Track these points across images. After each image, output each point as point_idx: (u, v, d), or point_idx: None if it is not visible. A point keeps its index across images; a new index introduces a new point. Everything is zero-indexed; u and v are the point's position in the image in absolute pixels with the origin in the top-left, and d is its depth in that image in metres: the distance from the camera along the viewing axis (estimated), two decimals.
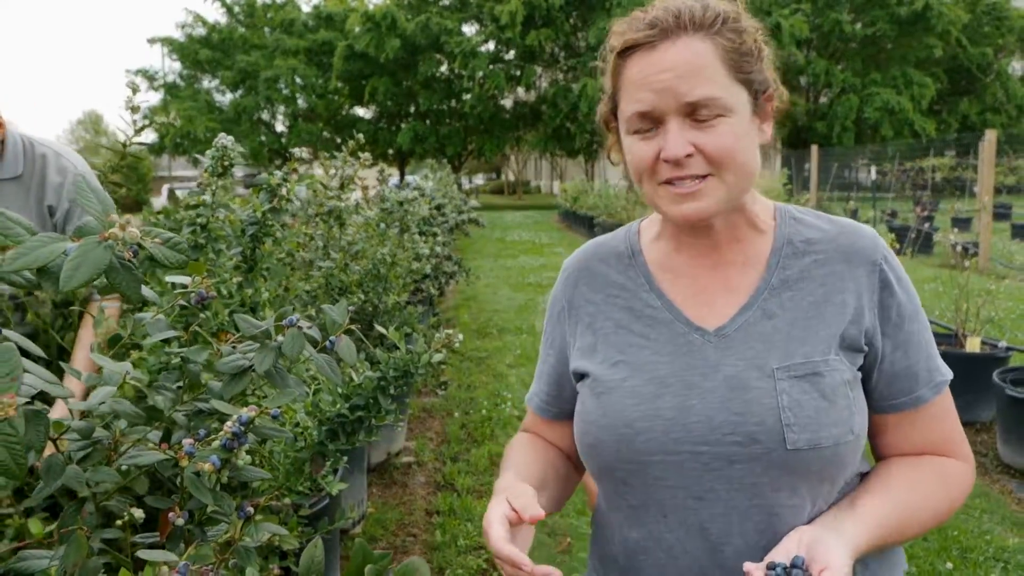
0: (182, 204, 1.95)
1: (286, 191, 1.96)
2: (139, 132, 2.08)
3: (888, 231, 8.16)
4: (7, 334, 0.64)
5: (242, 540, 0.80)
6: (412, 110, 28.86)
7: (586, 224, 14.17)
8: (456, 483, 3.37)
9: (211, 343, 0.87)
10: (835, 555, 0.71)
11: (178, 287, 0.91)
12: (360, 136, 3.15)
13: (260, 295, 1.98)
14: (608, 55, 0.83)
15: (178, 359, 0.87)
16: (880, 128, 23.96)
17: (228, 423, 0.76)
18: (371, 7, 26.90)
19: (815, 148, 15.84)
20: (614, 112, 0.85)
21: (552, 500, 0.91)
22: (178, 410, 0.85)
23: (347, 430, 1.50)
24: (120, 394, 0.94)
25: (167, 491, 0.86)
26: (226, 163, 1.92)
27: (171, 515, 0.78)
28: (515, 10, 24.26)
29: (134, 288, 0.65)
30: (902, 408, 0.84)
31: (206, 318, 1.61)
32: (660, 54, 0.78)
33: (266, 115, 29.32)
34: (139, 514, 1.13)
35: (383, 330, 1.48)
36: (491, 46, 26.98)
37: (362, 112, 30.10)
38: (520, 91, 28.10)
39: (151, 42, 29.15)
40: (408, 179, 7.72)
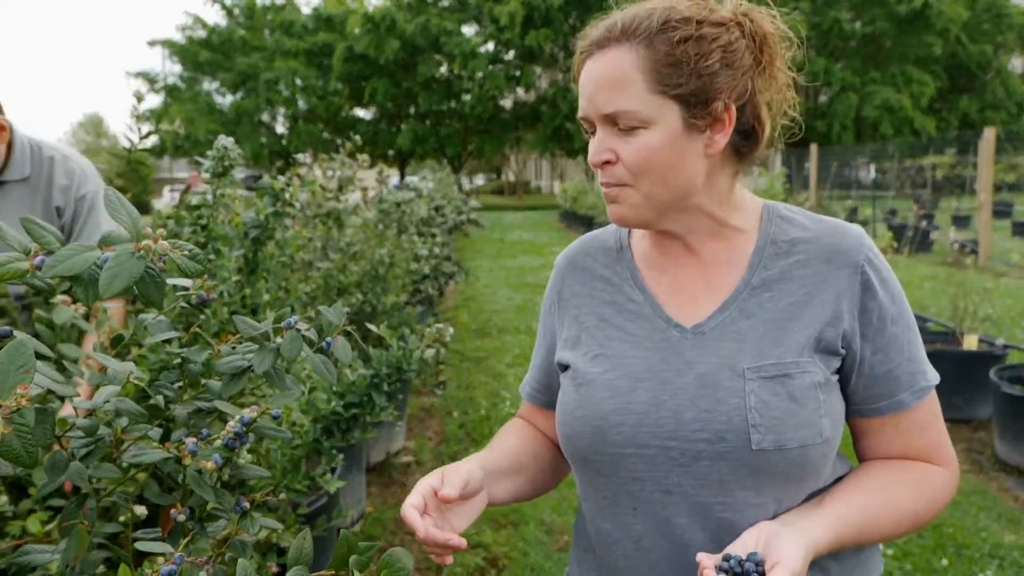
0: (184, 205, 1.98)
1: (289, 195, 1.98)
2: (144, 139, 2.11)
3: (888, 229, 8.19)
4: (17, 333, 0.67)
5: (238, 534, 0.82)
6: (412, 111, 28.89)
7: (586, 224, 14.20)
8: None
9: (211, 344, 0.89)
10: (789, 551, 0.71)
11: (179, 289, 0.93)
12: (357, 138, 3.18)
13: (261, 296, 2.00)
14: (576, 58, 0.86)
15: (178, 359, 0.89)
16: (880, 126, 23.95)
17: (231, 423, 0.78)
18: (370, 8, 26.95)
19: (814, 147, 15.84)
20: None
21: (527, 485, 0.94)
22: (179, 408, 0.87)
23: (342, 427, 1.53)
24: (123, 393, 0.96)
25: (168, 488, 0.88)
26: (226, 164, 1.95)
27: (173, 511, 0.80)
28: (514, 11, 24.28)
29: (158, 296, 0.67)
30: (883, 412, 0.84)
31: (207, 318, 1.64)
32: (591, 64, 0.81)
33: (266, 117, 29.36)
34: (141, 511, 1.15)
35: (375, 328, 1.50)
36: (490, 47, 27.00)
37: (362, 113, 30.13)
38: (520, 91, 28.12)
39: (151, 44, 29.22)
40: (408, 180, 7.74)
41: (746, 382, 0.79)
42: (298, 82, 27.32)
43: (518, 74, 26.68)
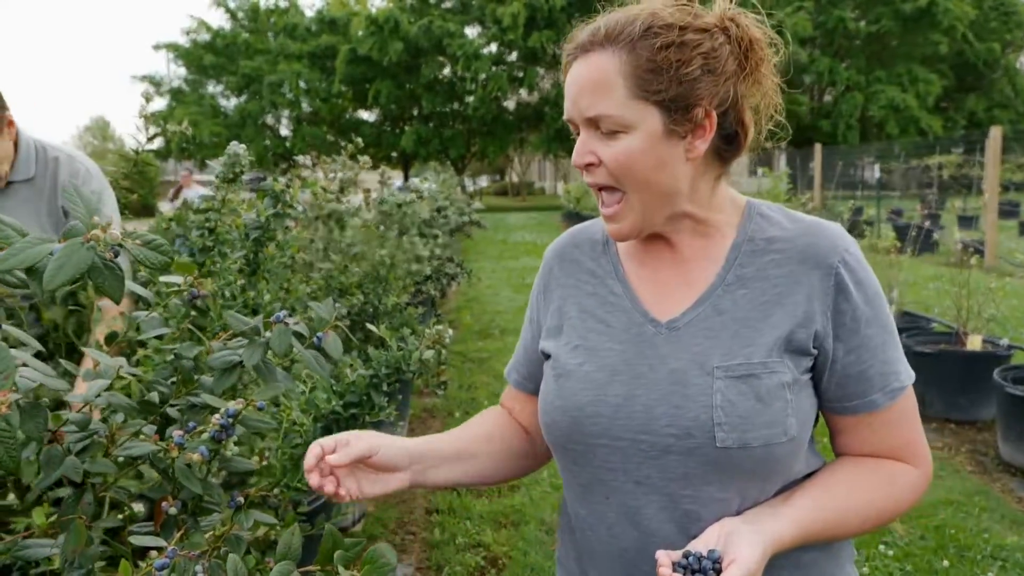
0: (191, 208, 1.99)
1: (289, 197, 2.00)
2: (151, 140, 2.13)
3: (892, 229, 8.15)
4: (7, 329, 0.68)
5: (233, 529, 0.83)
6: (415, 113, 28.94)
7: None
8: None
9: (204, 340, 0.90)
10: (746, 549, 0.73)
11: (172, 287, 0.94)
12: (359, 140, 3.19)
13: (262, 297, 2.01)
14: (564, 61, 0.87)
15: (171, 355, 0.90)
16: (885, 126, 23.86)
17: (216, 415, 0.79)
18: (374, 11, 27.01)
19: (818, 147, 15.81)
20: None
21: (478, 471, 0.96)
22: (172, 404, 0.88)
23: (341, 427, 1.54)
24: (124, 390, 0.97)
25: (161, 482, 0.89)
26: (237, 170, 1.97)
27: (164, 504, 0.81)
28: (517, 12, 24.32)
29: (116, 288, 0.67)
30: (856, 412, 0.85)
31: (210, 319, 1.65)
32: (576, 67, 0.82)
33: (270, 119, 29.46)
34: (139, 508, 1.16)
35: (375, 328, 1.51)
36: (493, 48, 27.03)
37: (365, 115, 30.20)
38: (523, 93, 28.14)
39: (156, 48, 29.39)
40: (412, 182, 7.76)
41: (714, 380, 0.80)
42: (302, 84, 27.40)
43: (521, 75, 26.71)
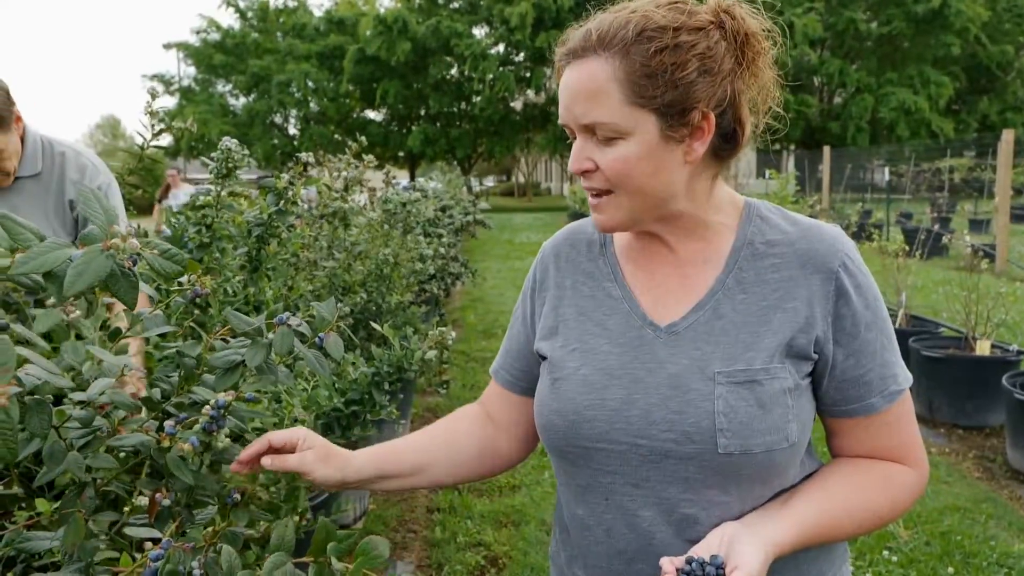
0: (191, 204, 2.00)
1: (292, 194, 2.00)
2: (156, 136, 2.14)
3: (901, 232, 8.09)
4: (13, 327, 0.68)
5: (230, 524, 0.84)
6: (422, 113, 28.98)
7: None
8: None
9: (205, 338, 0.91)
10: (749, 555, 0.73)
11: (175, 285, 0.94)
12: (363, 139, 3.20)
13: (264, 294, 2.02)
14: (556, 64, 0.85)
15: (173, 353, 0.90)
16: (896, 128, 23.72)
17: (206, 407, 0.80)
18: (382, 11, 27.08)
19: (827, 149, 15.73)
20: None
21: (430, 480, 0.97)
22: (173, 401, 0.89)
23: (342, 424, 1.55)
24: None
25: (158, 475, 0.89)
26: (230, 165, 1.97)
27: (157, 496, 0.82)
28: (524, 12, 24.31)
29: (130, 294, 0.69)
30: (854, 414, 0.84)
31: (211, 317, 1.66)
32: (568, 73, 0.81)
33: (279, 118, 29.58)
34: (141, 502, 1.17)
35: (378, 327, 1.52)
36: (501, 48, 27.05)
37: (373, 115, 30.28)
38: (530, 93, 28.13)
39: (167, 47, 29.59)
40: (418, 181, 7.79)
41: (716, 386, 0.80)
42: (310, 84, 27.49)
43: (528, 76, 26.71)
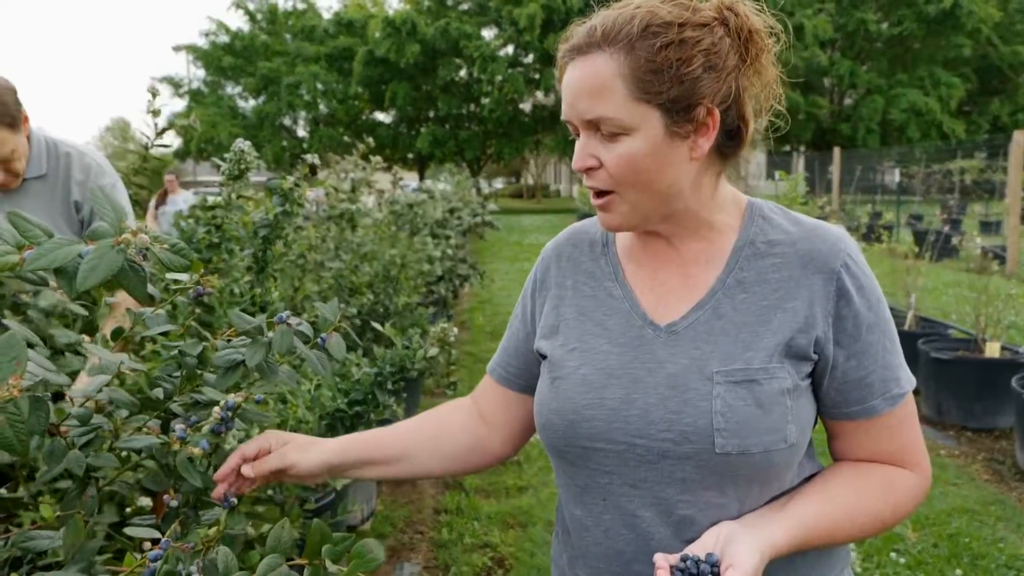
0: (199, 206, 2.02)
1: (297, 195, 2.02)
2: (160, 135, 2.15)
3: (911, 234, 8.02)
4: (10, 324, 0.69)
5: (228, 528, 0.84)
6: (431, 114, 29.04)
7: None
8: (464, 482, 3.41)
9: (208, 337, 0.91)
10: (744, 554, 0.73)
11: (178, 283, 0.95)
12: (370, 140, 3.21)
13: (270, 295, 2.03)
14: (558, 60, 0.85)
15: (175, 352, 0.91)
16: (906, 130, 23.56)
17: (216, 409, 0.80)
18: (391, 13, 27.17)
19: (837, 150, 15.64)
20: None
21: (410, 471, 0.98)
22: (175, 400, 0.90)
23: (346, 424, 1.55)
24: (134, 387, 0.98)
25: (165, 475, 0.90)
26: (242, 167, 1.99)
27: (165, 497, 0.82)
28: (533, 14, 24.33)
29: (140, 289, 0.70)
30: (855, 417, 0.84)
31: (217, 316, 1.67)
32: (571, 70, 0.80)
33: (288, 121, 29.71)
34: (146, 502, 1.18)
35: (380, 327, 1.52)
36: (510, 50, 27.07)
37: (382, 117, 30.37)
38: (539, 95, 28.15)
39: (176, 50, 29.90)
40: (425, 183, 7.81)
41: (714, 386, 0.79)
42: (319, 86, 27.60)
43: (537, 77, 26.72)
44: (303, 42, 28.54)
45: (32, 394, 0.73)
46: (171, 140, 2.18)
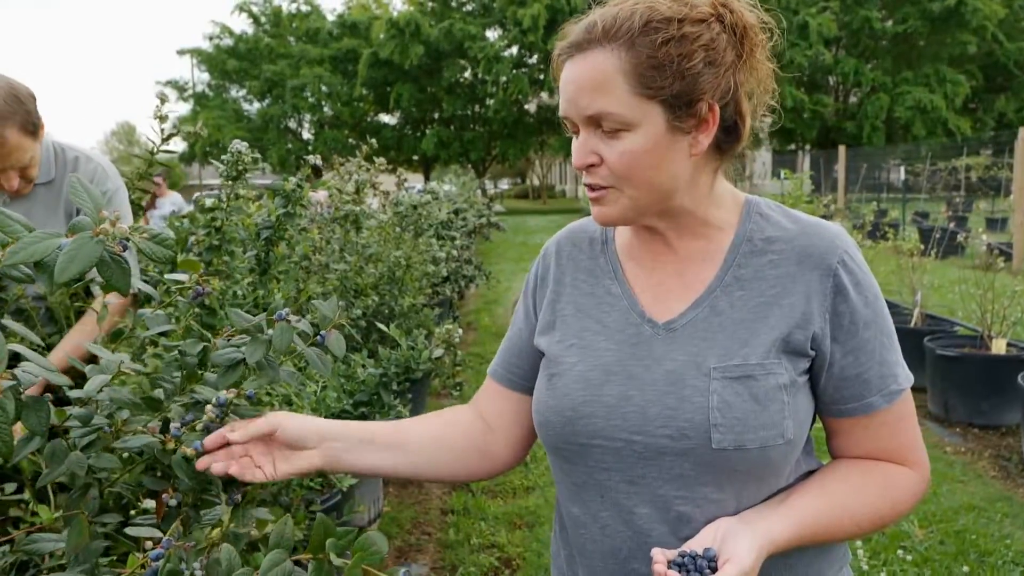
0: (198, 207, 2.02)
1: (299, 196, 2.02)
2: (167, 140, 2.16)
3: (917, 231, 7.97)
4: (7, 323, 0.69)
5: (232, 526, 0.84)
6: (436, 116, 29.08)
7: None
8: (471, 483, 3.41)
9: (208, 337, 0.92)
10: (741, 549, 0.73)
11: (178, 284, 0.96)
12: (373, 141, 3.22)
13: (273, 296, 2.04)
14: (555, 58, 0.85)
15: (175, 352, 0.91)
16: (912, 127, 23.45)
17: (208, 406, 0.80)
18: (395, 14, 27.22)
19: (843, 149, 15.59)
20: None
21: (409, 464, 0.94)
22: (175, 400, 0.90)
23: None
24: (135, 387, 0.99)
25: (164, 475, 0.90)
26: (240, 167, 1.99)
27: (164, 496, 0.82)
28: (537, 14, 24.33)
29: (123, 281, 0.69)
30: (853, 414, 0.84)
31: (220, 318, 1.67)
32: (571, 66, 0.80)
33: (293, 123, 29.80)
34: (150, 504, 1.18)
35: (384, 328, 1.53)
36: (514, 51, 27.08)
37: (387, 118, 30.42)
38: (544, 95, 28.15)
39: (180, 53, 29.85)
40: (430, 184, 7.82)
41: (711, 382, 0.79)
42: (324, 88, 27.66)
43: (542, 77, 26.71)
44: (307, 44, 28.62)
45: (31, 395, 0.74)
46: (176, 144, 2.19)
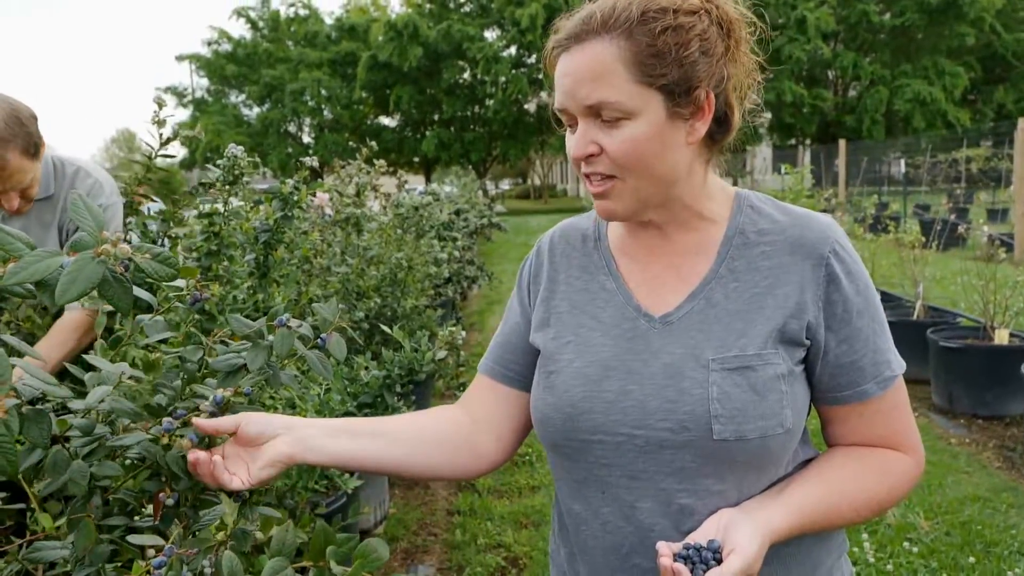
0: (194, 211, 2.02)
1: (297, 199, 2.02)
2: (165, 145, 2.16)
3: (918, 224, 7.95)
4: (5, 338, 0.70)
5: (238, 524, 0.85)
6: (436, 117, 29.09)
7: None
8: (476, 483, 3.41)
9: (205, 343, 0.92)
10: (745, 538, 0.74)
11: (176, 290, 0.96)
12: (373, 144, 3.22)
13: (273, 300, 2.04)
14: (548, 52, 0.86)
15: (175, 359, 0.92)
16: (911, 120, 23.41)
17: (205, 403, 0.80)
18: (393, 16, 27.24)
19: (843, 142, 15.57)
20: None
21: (384, 451, 0.89)
22: (176, 406, 0.90)
23: None
24: (139, 398, 0.99)
25: (160, 475, 0.91)
26: (236, 172, 1.99)
27: (161, 495, 0.83)
28: (535, 14, 24.33)
29: (125, 300, 0.69)
30: (847, 401, 0.85)
31: (219, 324, 1.67)
32: (568, 57, 0.81)
33: (293, 127, 29.83)
34: (152, 509, 1.19)
35: (387, 330, 1.53)
36: (513, 51, 27.09)
37: (387, 121, 30.44)
38: (543, 95, 28.13)
39: (179, 59, 29.92)
40: (431, 186, 7.83)
41: (709, 373, 0.80)
42: (323, 92, 27.69)
43: (541, 77, 26.69)
44: (306, 48, 28.65)
45: (33, 408, 0.74)
46: (176, 150, 2.19)
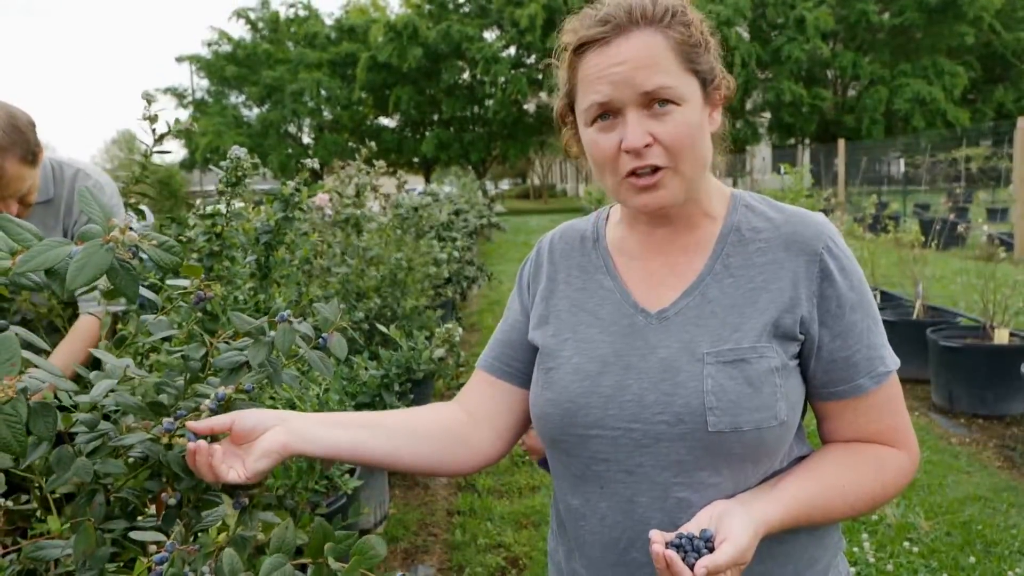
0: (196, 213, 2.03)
1: (298, 200, 2.03)
2: (159, 141, 2.16)
3: (918, 223, 7.96)
4: (14, 329, 0.70)
5: (239, 529, 0.85)
6: (436, 118, 29.09)
7: None
8: (477, 483, 3.41)
9: (206, 341, 0.93)
10: (738, 528, 0.75)
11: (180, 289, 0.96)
12: (373, 144, 3.23)
13: (274, 300, 2.05)
14: (561, 52, 0.87)
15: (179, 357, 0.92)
16: (911, 120, 23.43)
17: (206, 401, 0.81)
18: (392, 17, 27.25)
19: (842, 142, 15.59)
20: (571, 107, 0.89)
21: (381, 440, 0.90)
22: (180, 405, 0.91)
23: None
24: (144, 396, 1.00)
25: (159, 472, 0.91)
26: (240, 174, 2.00)
27: (164, 495, 0.83)
28: (535, 14, 24.35)
29: (132, 288, 0.70)
30: (842, 396, 0.86)
31: (222, 324, 1.68)
32: (615, 48, 0.82)
33: (292, 128, 29.83)
34: (154, 508, 1.19)
35: (384, 330, 1.53)
36: (512, 51, 27.10)
37: (387, 121, 30.45)
38: (543, 95, 28.14)
39: (179, 60, 29.93)
40: (430, 186, 7.84)
41: (704, 366, 0.82)
42: (323, 93, 27.69)
43: (540, 77, 26.70)
44: (305, 49, 28.65)
45: (39, 401, 0.74)
46: (176, 150, 2.19)
